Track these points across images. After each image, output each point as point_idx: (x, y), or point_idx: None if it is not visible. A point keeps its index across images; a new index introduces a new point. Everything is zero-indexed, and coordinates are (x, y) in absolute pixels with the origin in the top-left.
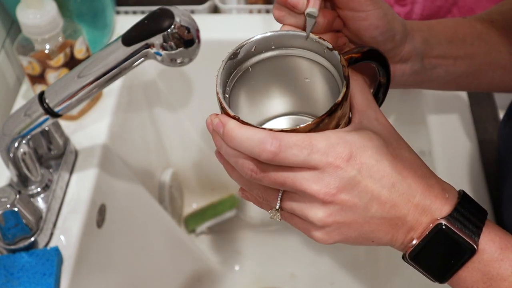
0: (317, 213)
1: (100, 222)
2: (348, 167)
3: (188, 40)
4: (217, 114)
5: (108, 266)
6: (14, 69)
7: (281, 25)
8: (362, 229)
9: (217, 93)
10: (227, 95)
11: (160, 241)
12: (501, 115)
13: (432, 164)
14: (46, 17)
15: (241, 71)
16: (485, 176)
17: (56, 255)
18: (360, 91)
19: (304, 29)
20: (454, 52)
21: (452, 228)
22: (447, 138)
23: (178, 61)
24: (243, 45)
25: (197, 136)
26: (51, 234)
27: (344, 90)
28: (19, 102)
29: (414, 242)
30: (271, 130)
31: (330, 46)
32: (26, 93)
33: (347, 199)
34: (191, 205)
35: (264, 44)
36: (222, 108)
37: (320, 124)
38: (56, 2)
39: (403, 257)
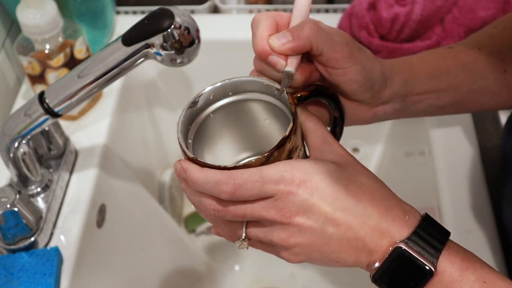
0: (279, 235)
1: (100, 222)
2: (299, 191)
3: (188, 40)
4: (180, 160)
5: (108, 266)
6: (14, 69)
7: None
8: (323, 249)
9: (178, 139)
10: (190, 141)
11: (160, 241)
12: (501, 115)
13: (432, 164)
14: (46, 17)
15: (202, 118)
16: (485, 176)
17: (56, 255)
18: (314, 130)
19: (279, 82)
20: (436, 87)
21: (410, 251)
22: (447, 138)
23: (178, 61)
24: (201, 94)
25: None
26: (51, 234)
27: (291, 124)
28: (19, 102)
29: (376, 265)
30: (225, 167)
31: (279, 87)
32: (26, 93)
33: (303, 222)
34: (191, 205)
35: (221, 91)
36: (183, 151)
37: (270, 158)
38: (56, 2)
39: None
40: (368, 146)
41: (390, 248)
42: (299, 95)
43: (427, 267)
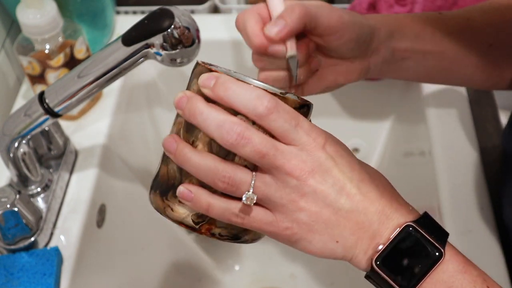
0: (291, 193)
1: (100, 222)
2: (323, 151)
3: (188, 40)
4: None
5: (108, 266)
6: (14, 69)
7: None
8: (329, 221)
9: (202, 63)
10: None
11: (160, 241)
12: (501, 115)
13: (432, 164)
14: (46, 17)
15: None
16: (485, 176)
17: (56, 255)
18: None
19: (287, 70)
20: (422, 47)
21: (421, 231)
22: (447, 138)
23: (178, 61)
24: None
25: None
26: (51, 234)
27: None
28: (19, 102)
29: (380, 247)
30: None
31: (283, 91)
32: (26, 93)
33: (319, 184)
34: None
35: None
36: (210, 70)
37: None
38: (56, 2)
39: (366, 275)
40: (368, 146)
41: (398, 229)
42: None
43: (437, 251)
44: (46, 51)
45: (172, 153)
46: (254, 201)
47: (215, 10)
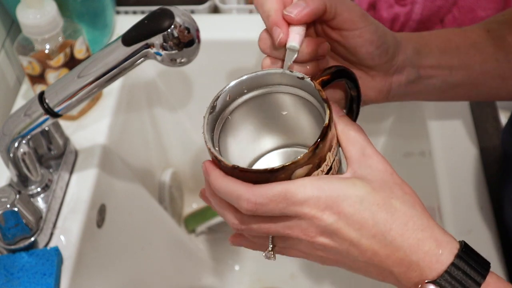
0: (306, 247)
1: (100, 222)
2: (324, 216)
3: (188, 40)
4: (209, 161)
5: (108, 266)
6: (14, 69)
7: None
8: (350, 266)
9: (209, 149)
10: (216, 148)
11: (160, 241)
12: (501, 115)
13: (432, 164)
14: (46, 17)
15: (223, 119)
16: (485, 176)
17: (56, 255)
18: (355, 139)
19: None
20: (448, 62)
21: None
22: (447, 138)
23: (178, 61)
24: (219, 96)
25: (197, 136)
26: (51, 234)
27: (328, 112)
28: (19, 102)
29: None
30: (264, 170)
31: (301, 75)
32: (26, 93)
33: (327, 243)
34: (191, 205)
35: (238, 89)
36: (208, 149)
37: (316, 151)
38: (56, 2)
39: None
40: None
41: (420, 286)
42: (321, 79)
43: None
44: (46, 51)
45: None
46: (274, 258)
47: (215, 10)
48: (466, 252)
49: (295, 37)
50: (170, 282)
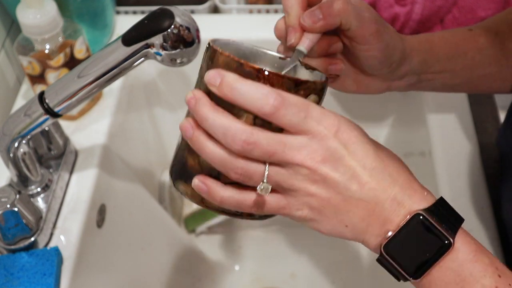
0: (302, 180)
1: (100, 222)
2: (335, 139)
3: (188, 40)
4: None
5: (108, 266)
6: (14, 69)
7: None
8: (339, 207)
9: (228, 55)
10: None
11: (160, 241)
12: (501, 115)
13: (432, 164)
14: (46, 17)
15: None
16: (485, 176)
17: (56, 255)
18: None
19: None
20: (452, 67)
21: (430, 220)
22: (447, 138)
23: (178, 61)
24: (216, 40)
25: None
26: (51, 234)
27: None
28: (19, 102)
29: (390, 234)
30: (284, 75)
31: (282, 55)
32: (26, 93)
33: (329, 172)
34: (191, 205)
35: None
36: (240, 64)
37: (325, 88)
38: (56, 2)
39: (377, 259)
40: None
41: (408, 216)
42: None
43: (446, 240)
44: (46, 51)
45: (188, 138)
46: (269, 191)
47: (215, 10)
48: (444, 201)
49: (305, 41)
50: (170, 282)
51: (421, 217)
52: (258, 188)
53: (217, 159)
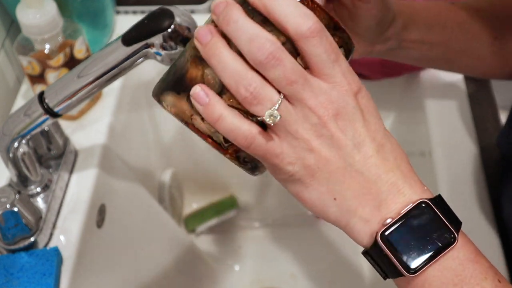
0: (308, 129)
1: (100, 222)
2: (354, 99)
3: (188, 40)
4: None
5: (108, 266)
6: (14, 69)
7: None
8: (335, 174)
9: None
10: None
11: (160, 241)
12: (501, 115)
13: (432, 164)
14: (46, 17)
15: None
16: (485, 177)
17: (56, 255)
18: None
19: None
20: (431, 39)
21: (436, 210)
22: (447, 138)
23: None
24: None
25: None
26: (51, 234)
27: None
28: (19, 102)
29: (389, 221)
30: (328, 15)
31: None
32: (26, 93)
33: (338, 131)
34: (191, 205)
35: None
36: None
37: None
38: (56, 2)
39: (364, 251)
40: None
41: (412, 204)
42: None
43: (451, 234)
44: (46, 51)
45: (204, 43)
46: (277, 121)
47: None
48: (443, 199)
49: None
50: (170, 282)
51: (425, 205)
52: (266, 113)
53: (230, 69)
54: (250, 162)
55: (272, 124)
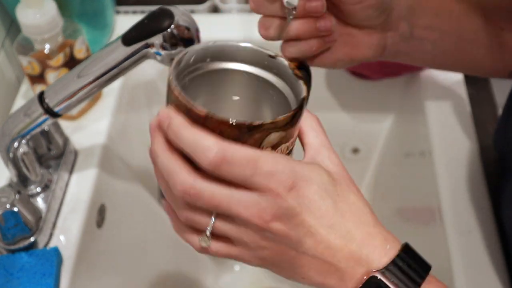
0: (252, 235)
1: (100, 222)
2: (289, 197)
3: (188, 40)
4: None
5: (108, 266)
6: (14, 69)
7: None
8: (293, 261)
9: (178, 94)
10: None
11: (160, 241)
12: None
13: (432, 164)
14: (46, 17)
15: (182, 81)
16: (485, 176)
17: (56, 255)
18: (312, 130)
19: (281, 17)
20: (440, 25)
21: (387, 282)
22: (447, 138)
23: None
24: (185, 53)
25: None
26: (51, 234)
27: (305, 88)
28: (19, 102)
29: None
30: (235, 123)
31: (273, 53)
32: (26, 93)
33: (281, 229)
34: None
35: (202, 56)
36: (187, 109)
37: (294, 118)
38: (56, 2)
39: None
40: (368, 146)
41: (365, 277)
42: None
43: None
44: (46, 51)
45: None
46: (209, 244)
47: (215, 10)
48: (409, 249)
49: None
50: (170, 282)
51: (377, 279)
52: (198, 238)
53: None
54: None
55: (207, 245)
